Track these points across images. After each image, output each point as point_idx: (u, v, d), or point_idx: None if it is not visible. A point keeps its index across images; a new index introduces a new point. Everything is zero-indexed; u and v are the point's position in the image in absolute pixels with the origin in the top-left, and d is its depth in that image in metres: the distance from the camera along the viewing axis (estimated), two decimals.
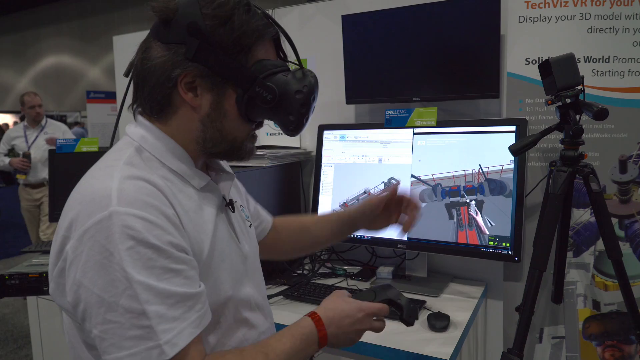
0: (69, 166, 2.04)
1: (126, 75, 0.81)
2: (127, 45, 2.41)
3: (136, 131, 0.77)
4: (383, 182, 1.62)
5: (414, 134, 1.59)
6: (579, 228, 1.53)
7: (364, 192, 1.65)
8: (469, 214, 1.49)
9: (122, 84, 2.43)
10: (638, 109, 1.46)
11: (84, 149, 2.05)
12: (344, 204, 1.68)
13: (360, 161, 1.68)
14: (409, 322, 0.92)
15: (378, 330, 0.89)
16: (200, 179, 0.79)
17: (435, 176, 1.55)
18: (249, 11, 0.74)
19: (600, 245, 1.50)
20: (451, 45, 1.58)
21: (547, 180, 1.42)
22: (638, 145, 1.48)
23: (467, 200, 1.49)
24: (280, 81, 0.76)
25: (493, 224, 1.46)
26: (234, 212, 0.87)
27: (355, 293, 0.91)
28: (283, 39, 0.81)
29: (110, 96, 5.98)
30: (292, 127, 0.79)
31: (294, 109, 0.77)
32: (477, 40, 1.54)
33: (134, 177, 0.68)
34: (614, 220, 1.48)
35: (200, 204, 0.77)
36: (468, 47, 1.56)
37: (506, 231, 1.44)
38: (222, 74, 0.73)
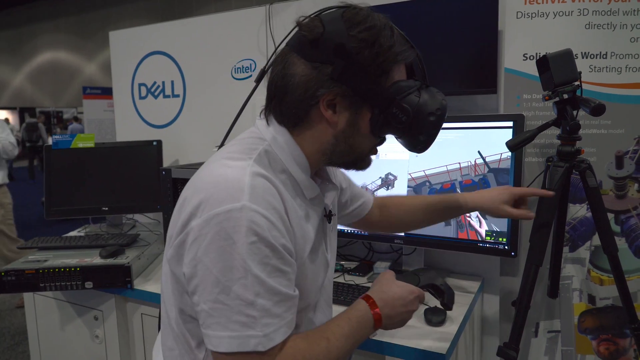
0: (64, 162, 2.04)
1: (257, 81, 0.85)
2: (123, 41, 2.40)
3: (269, 132, 0.81)
4: (380, 177, 1.62)
5: None
6: (575, 223, 1.54)
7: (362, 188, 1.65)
8: (468, 215, 1.48)
9: (118, 80, 2.42)
10: (635, 105, 1.47)
11: (80, 145, 2.04)
12: None
13: None
14: (449, 307, 0.98)
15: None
16: (312, 190, 0.83)
17: (427, 172, 1.54)
18: (392, 35, 0.77)
19: (596, 240, 1.51)
20: (449, 40, 1.58)
21: (544, 176, 1.42)
22: (634, 140, 1.48)
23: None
24: (413, 102, 0.78)
25: (491, 219, 1.46)
26: (330, 223, 0.92)
27: (401, 275, 0.95)
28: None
29: (106, 92, 5.95)
30: (421, 146, 0.84)
31: (425, 130, 0.80)
32: (475, 36, 1.54)
33: (263, 176, 0.73)
34: (610, 216, 1.49)
35: (307, 213, 0.82)
36: (466, 42, 1.56)
37: (503, 226, 1.44)
38: (362, 95, 0.76)
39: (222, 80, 2.08)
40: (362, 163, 0.85)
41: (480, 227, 1.47)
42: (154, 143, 2.07)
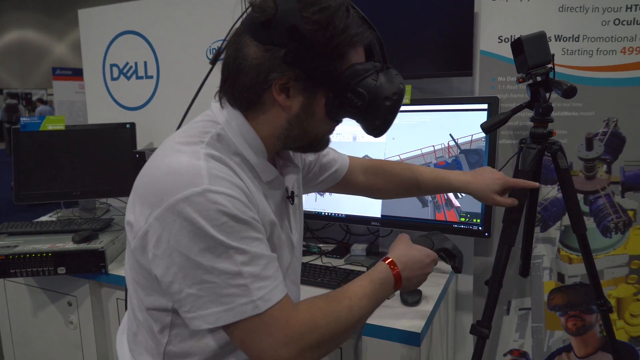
0: (34, 145, 1.97)
1: (212, 63, 0.82)
2: (93, 20, 2.31)
3: (222, 115, 0.79)
4: None
5: None
6: (546, 204, 1.57)
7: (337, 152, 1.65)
8: (445, 196, 1.50)
9: (89, 61, 2.35)
10: (605, 88, 1.50)
11: (50, 128, 1.98)
12: None
13: (335, 139, 1.66)
14: (459, 270, 1.03)
15: None
16: (269, 173, 0.82)
17: (402, 156, 1.55)
18: (348, 16, 0.74)
19: (566, 220, 1.55)
20: (425, 23, 1.57)
21: (517, 158, 1.45)
22: (604, 123, 1.52)
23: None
24: (370, 86, 0.76)
25: (465, 200, 1.48)
26: (293, 204, 0.91)
27: (415, 238, 0.98)
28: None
29: (77, 73, 5.76)
30: (377, 131, 0.82)
31: (381, 115, 0.79)
32: (451, 19, 1.54)
33: (216, 158, 0.72)
34: (580, 196, 1.53)
35: (265, 195, 0.81)
36: (442, 25, 1.55)
37: (477, 207, 1.47)
38: (316, 79, 0.75)
39: (197, 61, 2.03)
40: (317, 145, 0.84)
41: (456, 201, 1.50)
42: (127, 125, 2.02)
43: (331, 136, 0.86)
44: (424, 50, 1.59)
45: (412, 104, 1.56)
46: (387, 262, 0.87)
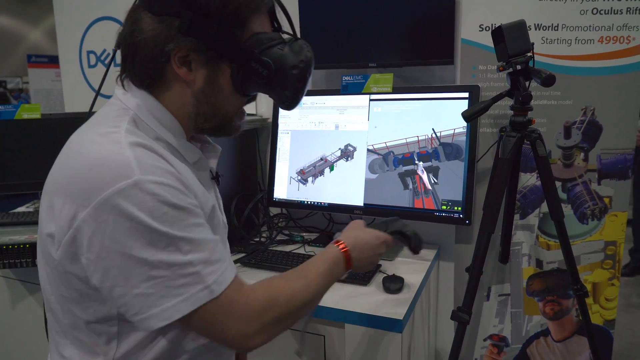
0: (8, 134, 1.92)
1: (117, 47, 0.77)
2: (68, 5, 2.25)
3: (131, 100, 0.74)
4: (340, 148, 1.63)
5: (370, 100, 1.59)
6: (525, 192, 1.60)
7: (321, 159, 1.65)
8: (424, 182, 1.52)
9: (65, 48, 2.29)
10: (583, 77, 1.52)
11: (25, 116, 1.93)
12: (301, 171, 1.68)
13: (317, 128, 1.67)
14: (416, 251, 1.03)
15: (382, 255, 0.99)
16: (193, 154, 0.79)
17: (388, 144, 1.56)
18: None
19: (544, 207, 1.58)
20: (407, 11, 1.57)
21: (497, 146, 1.46)
22: (582, 111, 1.54)
23: (421, 169, 1.51)
24: (276, 55, 0.74)
25: (447, 189, 1.50)
26: (219, 185, 0.89)
27: (370, 224, 1.01)
28: (278, 9, 0.79)
29: (53, 60, 5.62)
30: (288, 102, 0.79)
31: (289, 84, 0.76)
32: (432, 7, 1.53)
33: (141, 145, 0.67)
34: (558, 184, 1.56)
35: (195, 177, 0.77)
36: (423, 13, 1.55)
37: (458, 195, 1.49)
38: (217, 49, 0.71)
39: None
40: (229, 128, 0.80)
41: (431, 183, 1.51)
42: None
43: (243, 121, 0.83)
44: (406, 38, 1.59)
45: (394, 92, 1.56)
46: (336, 244, 0.90)
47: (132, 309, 0.65)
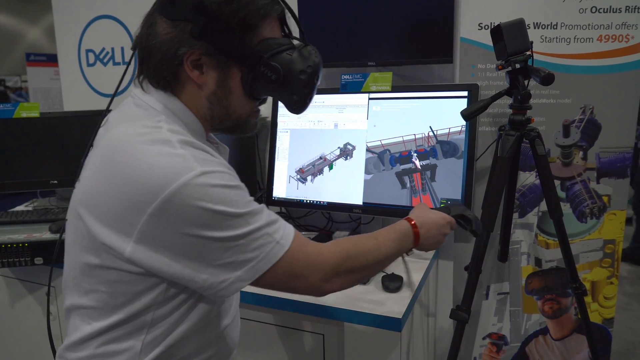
0: (7, 133, 1.92)
1: (133, 49, 0.80)
2: (67, 4, 2.25)
3: (156, 102, 0.76)
4: (339, 147, 1.62)
5: (370, 99, 1.59)
6: (524, 190, 1.60)
7: (320, 158, 1.65)
8: (422, 180, 1.52)
9: (64, 47, 2.28)
10: (582, 75, 1.52)
11: (24, 115, 1.92)
12: (300, 170, 1.68)
13: (316, 127, 1.67)
14: (477, 233, 1.09)
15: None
16: (212, 153, 0.80)
17: (384, 142, 1.56)
18: None
19: (543, 206, 1.58)
20: (406, 10, 1.57)
21: (496, 144, 1.46)
22: (580, 110, 1.54)
23: (419, 167, 1.51)
24: (284, 60, 0.76)
25: (445, 187, 1.49)
26: None
27: (434, 208, 1.07)
28: (288, 14, 0.81)
29: (52, 59, 5.61)
30: (296, 106, 0.81)
31: (297, 89, 0.78)
32: (431, 5, 1.53)
33: (189, 143, 0.71)
34: (557, 182, 1.56)
35: None
36: (423, 12, 1.55)
37: (457, 194, 1.48)
38: (228, 53, 0.74)
39: None
40: (243, 127, 0.83)
41: (430, 181, 1.51)
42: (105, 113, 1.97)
43: (258, 120, 0.86)
44: (405, 37, 1.59)
45: (393, 91, 1.56)
46: (406, 220, 0.96)
47: (216, 279, 0.71)
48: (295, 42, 0.81)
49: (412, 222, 0.95)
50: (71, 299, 0.79)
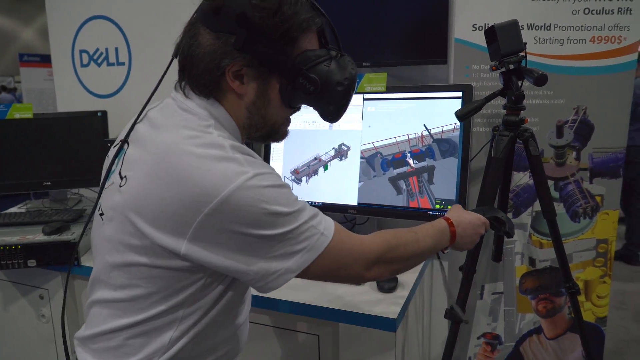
0: (0, 134, 1.91)
1: (174, 56, 0.82)
2: (61, 4, 2.23)
3: (199, 107, 0.79)
4: (334, 148, 1.63)
5: (364, 99, 1.59)
6: (518, 190, 1.61)
7: (315, 159, 1.65)
8: (419, 183, 1.51)
9: (57, 47, 2.27)
10: (575, 76, 1.53)
11: (17, 116, 1.91)
12: (295, 171, 1.68)
13: (311, 127, 1.67)
14: (510, 234, 1.13)
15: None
16: (256, 157, 0.84)
17: (377, 144, 1.56)
18: (297, 3, 0.75)
19: (537, 206, 1.59)
20: (401, 10, 1.57)
21: (490, 145, 1.47)
22: (574, 110, 1.55)
23: (414, 167, 1.51)
24: (322, 72, 0.79)
25: (440, 188, 1.50)
26: None
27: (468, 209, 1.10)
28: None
29: (45, 60, 5.57)
30: (332, 116, 0.85)
31: (334, 100, 0.81)
32: (426, 6, 1.54)
33: (239, 148, 0.74)
34: (550, 183, 1.57)
35: None
36: (417, 12, 1.56)
37: (452, 194, 1.49)
38: (268, 65, 0.76)
39: (170, 47, 1.98)
40: (276, 135, 0.87)
41: (428, 184, 1.51)
42: (99, 114, 1.97)
43: (289, 128, 0.89)
44: (399, 37, 1.60)
45: (388, 91, 1.56)
46: (444, 219, 0.99)
47: (267, 271, 0.74)
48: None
49: (450, 221, 0.98)
50: (100, 293, 0.82)
